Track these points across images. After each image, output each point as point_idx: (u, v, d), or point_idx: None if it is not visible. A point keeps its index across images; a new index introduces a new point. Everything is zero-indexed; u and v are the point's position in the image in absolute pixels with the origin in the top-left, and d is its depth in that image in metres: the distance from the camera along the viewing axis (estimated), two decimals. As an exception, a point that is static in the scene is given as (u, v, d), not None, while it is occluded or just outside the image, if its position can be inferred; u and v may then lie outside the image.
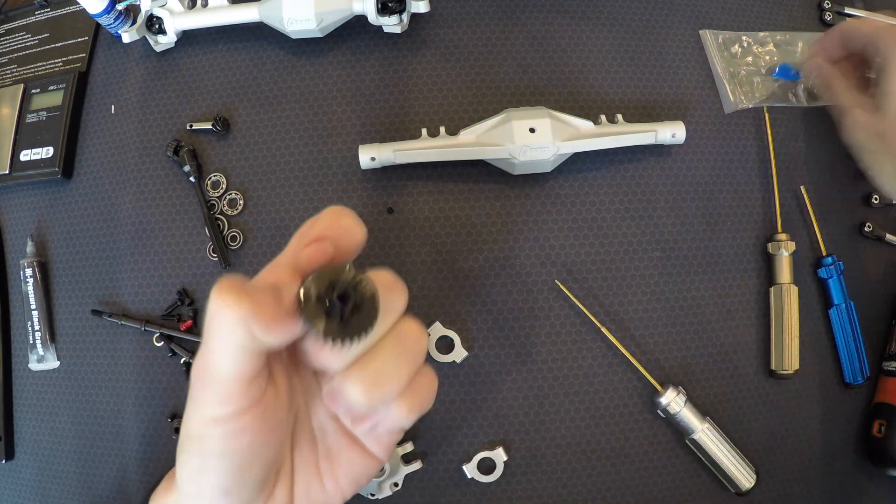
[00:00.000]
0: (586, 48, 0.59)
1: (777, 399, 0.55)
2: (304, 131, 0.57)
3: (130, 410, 0.55)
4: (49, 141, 0.59)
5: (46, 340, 0.57)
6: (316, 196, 0.56)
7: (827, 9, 0.63)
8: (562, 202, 0.56)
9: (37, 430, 0.58)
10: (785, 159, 0.59)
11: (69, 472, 0.56)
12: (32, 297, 0.58)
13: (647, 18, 0.60)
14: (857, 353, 0.55)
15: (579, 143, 0.52)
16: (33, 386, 0.58)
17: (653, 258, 0.56)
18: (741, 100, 0.59)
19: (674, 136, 0.54)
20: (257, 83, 0.59)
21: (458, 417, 0.53)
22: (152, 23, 0.57)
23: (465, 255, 0.55)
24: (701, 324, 0.55)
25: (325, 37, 0.57)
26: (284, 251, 0.30)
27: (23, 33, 0.64)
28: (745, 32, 0.61)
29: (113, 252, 0.58)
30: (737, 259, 0.56)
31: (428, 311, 0.54)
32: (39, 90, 0.60)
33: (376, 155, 0.53)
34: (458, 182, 0.56)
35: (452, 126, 0.54)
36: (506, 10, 0.59)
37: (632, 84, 0.59)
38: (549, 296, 0.55)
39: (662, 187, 0.57)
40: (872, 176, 0.51)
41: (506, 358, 0.54)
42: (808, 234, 0.57)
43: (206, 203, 0.56)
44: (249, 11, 0.56)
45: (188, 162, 0.56)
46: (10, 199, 0.61)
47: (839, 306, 0.55)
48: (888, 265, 0.59)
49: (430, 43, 0.59)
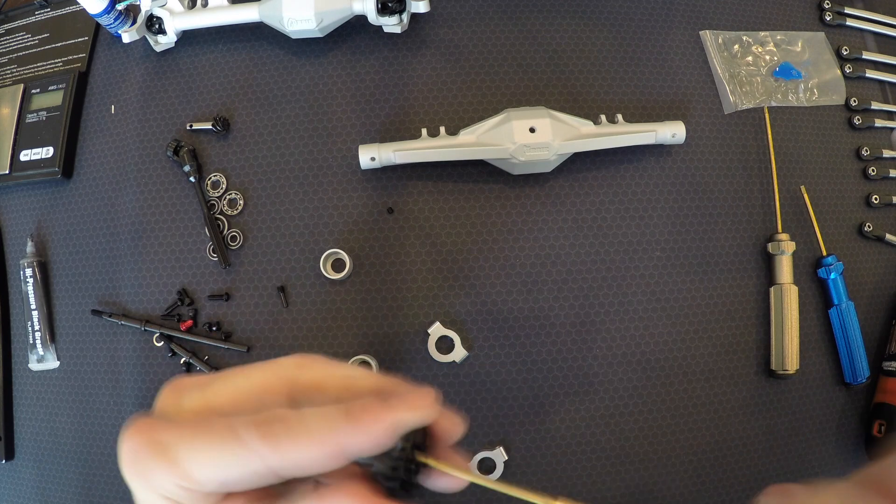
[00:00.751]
0: (586, 48, 0.59)
1: (777, 399, 0.55)
2: (304, 131, 0.57)
3: (130, 410, 0.55)
4: (49, 141, 0.59)
5: (46, 340, 0.57)
6: (316, 196, 0.56)
7: (827, 9, 0.63)
8: (562, 202, 0.56)
9: (37, 430, 0.58)
10: (785, 159, 0.59)
11: (69, 472, 0.56)
12: (32, 297, 0.58)
13: (647, 18, 0.60)
14: (857, 353, 0.55)
15: (579, 143, 0.52)
16: (33, 386, 0.58)
17: (653, 258, 0.56)
18: (741, 100, 0.59)
19: (674, 136, 0.54)
20: (257, 83, 0.59)
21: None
22: (152, 23, 0.57)
23: (465, 255, 0.55)
24: (701, 324, 0.55)
25: (325, 37, 0.57)
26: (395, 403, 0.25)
27: (23, 33, 0.64)
28: (745, 32, 0.61)
29: (113, 252, 0.58)
30: (737, 259, 0.56)
31: (428, 311, 0.54)
32: (39, 90, 0.60)
33: (376, 155, 0.53)
34: (458, 182, 0.56)
35: (452, 126, 0.54)
36: (506, 10, 0.59)
37: (632, 84, 0.59)
38: (548, 296, 0.54)
39: (662, 187, 0.57)
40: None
41: (506, 358, 0.54)
42: (808, 234, 0.57)
43: (206, 203, 0.56)
44: (249, 11, 0.56)
45: (188, 162, 0.56)
46: (10, 199, 0.61)
47: (839, 306, 0.55)
48: (888, 265, 0.59)
49: (430, 43, 0.59)
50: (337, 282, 0.54)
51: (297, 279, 0.55)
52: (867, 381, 0.55)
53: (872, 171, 0.60)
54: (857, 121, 0.61)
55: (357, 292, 0.54)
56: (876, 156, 0.60)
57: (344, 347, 0.54)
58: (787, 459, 0.54)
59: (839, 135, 0.61)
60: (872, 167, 0.60)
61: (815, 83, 0.61)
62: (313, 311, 0.54)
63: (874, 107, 0.61)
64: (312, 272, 0.55)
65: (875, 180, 0.60)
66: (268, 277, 0.55)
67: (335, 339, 0.54)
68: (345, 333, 0.54)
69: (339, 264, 0.55)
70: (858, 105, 0.61)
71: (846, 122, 0.61)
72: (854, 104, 0.61)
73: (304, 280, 0.55)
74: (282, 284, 0.55)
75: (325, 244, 0.55)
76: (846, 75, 0.62)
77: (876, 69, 0.63)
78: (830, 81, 0.61)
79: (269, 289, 0.55)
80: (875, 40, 0.64)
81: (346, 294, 0.55)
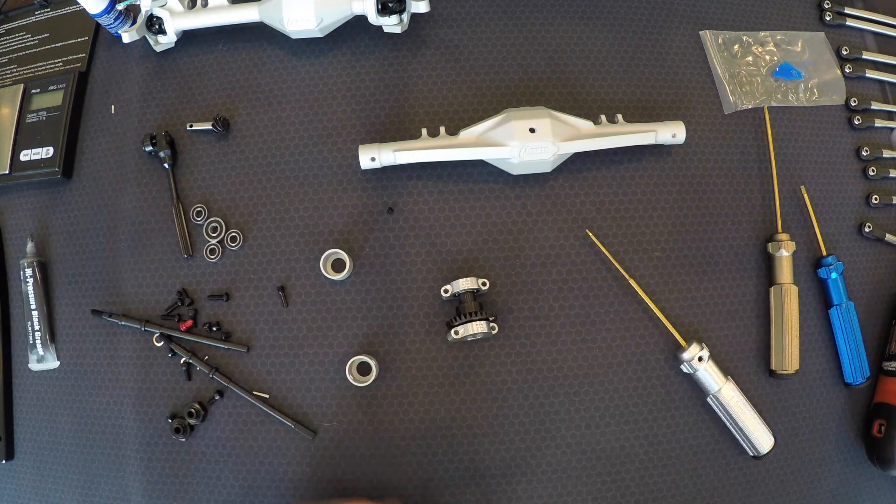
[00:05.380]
0: (586, 48, 0.59)
1: (777, 399, 0.55)
2: (304, 131, 0.57)
3: (130, 410, 0.55)
4: (49, 141, 0.59)
5: (46, 340, 0.57)
6: (316, 196, 0.56)
7: (827, 9, 0.63)
8: (562, 202, 0.56)
9: (37, 430, 0.58)
10: (785, 159, 0.59)
11: (69, 472, 0.56)
12: (32, 297, 0.58)
13: (647, 19, 0.60)
14: (857, 353, 0.55)
15: (579, 143, 0.52)
16: (33, 386, 0.58)
17: (653, 258, 0.56)
18: (741, 100, 0.59)
19: (674, 136, 0.54)
20: (257, 83, 0.59)
21: (458, 417, 0.53)
22: (152, 23, 0.57)
23: (465, 255, 0.55)
24: (701, 324, 0.55)
25: (325, 37, 0.57)
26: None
27: (23, 33, 0.64)
28: (745, 32, 0.61)
29: (113, 252, 0.58)
30: (737, 259, 0.56)
31: (428, 311, 0.54)
32: (39, 90, 0.60)
33: (376, 155, 0.53)
34: (458, 182, 0.56)
35: (452, 126, 0.54)
36: (506, 10, 0.59)
37: (632, 84, 0.59)
38: (549, 296, 0.54)
39: (662, 187, 0.57)
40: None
41: (506, 357, 0.54)
42: (808, 234, 0.57)
43: (177, 193, 0.56)
44: (249, 11, 0.56)
45: (164, 147, 0.56)
46: (10, 199, 0.61)
47: (839, 306, 0.55)
48: (888, 265, 0.59)
49: (430, 43, 0.59)
50: (337, 282, 0.54)
51: (297, 279, 0.55)
52: (867, 381, 0.55)
53: (872, 171, 0.60)
54: (857, 121, 0.61)
55: (357, 292, 0.54)
56: (876, 156, 0.60)
57: (344, 347, 0.54)
58: (788, 459, 0.55)
59: (839, 135, 0.61)
60: (872, 167, 0.60)
61: (815, 83, 0.61)
62: (313, 311, 0.54)
63: (874, 107, 0.61)
64: (312, 272, 0.55)
65: (875, 180, 0.60)
66: (268, 277, 0.55)
67: (335, 339, 0.54)
68: (345, 333, 0.54)
69: (339, 264, 0.55)
70: (858, 105, 0.61)
71: (846, 122, 0.61)
72: (854, 104, 0.61)
73: (304, 280, 0.55)
74: (282, 284, 0.55)
75: (325, 244, 0.55)
76: (846, 75, 0.62)
77: (876, 69, 0.63)
78: (830, 81, 0.61)
79: (269, 289, 0.55)
80: (875, 40, 0.64)
81: (346, 294, 0.55)
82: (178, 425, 0.53)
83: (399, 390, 0.53)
